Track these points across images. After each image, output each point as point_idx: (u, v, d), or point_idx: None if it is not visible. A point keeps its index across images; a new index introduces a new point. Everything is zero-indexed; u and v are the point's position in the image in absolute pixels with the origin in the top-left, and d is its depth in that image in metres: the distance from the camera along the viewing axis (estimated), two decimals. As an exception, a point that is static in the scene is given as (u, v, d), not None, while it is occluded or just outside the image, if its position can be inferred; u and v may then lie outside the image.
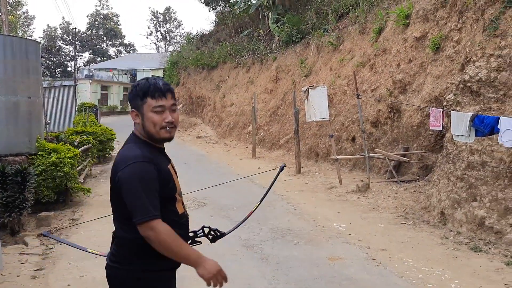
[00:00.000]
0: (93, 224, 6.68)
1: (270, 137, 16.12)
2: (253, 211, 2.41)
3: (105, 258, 2.14)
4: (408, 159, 8.91)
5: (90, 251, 2.49)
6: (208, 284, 1.97)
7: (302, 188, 9.29)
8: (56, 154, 7.42)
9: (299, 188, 9.28)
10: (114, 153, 14.87)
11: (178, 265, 2.08)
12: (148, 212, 1.89)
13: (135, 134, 2.12)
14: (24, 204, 6.23)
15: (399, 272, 4.61)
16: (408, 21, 10.21)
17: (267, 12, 21.09)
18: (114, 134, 14.58)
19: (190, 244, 2.20)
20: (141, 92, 2.05)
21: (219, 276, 1.97)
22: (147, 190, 1.92)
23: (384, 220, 6.68)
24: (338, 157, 9.67)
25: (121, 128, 22.48)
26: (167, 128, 2.05)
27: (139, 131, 2.10)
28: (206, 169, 12.00)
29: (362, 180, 8.90)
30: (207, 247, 5.50)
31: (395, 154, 9.07)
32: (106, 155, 13.96)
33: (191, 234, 2.22)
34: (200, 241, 2.25)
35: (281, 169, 2.86)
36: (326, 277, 4.51)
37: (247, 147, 16.53)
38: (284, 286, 4.33)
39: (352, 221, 6.68)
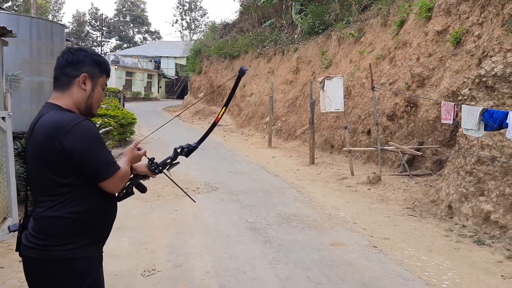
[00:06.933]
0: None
1: (287, 128, 16.20)
2: (220, 118, 2.40)
3: None
4: (422, 153, 8.88)
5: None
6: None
7: (313, 178, 9.37)
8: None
9: (311, 178, 9.36)
10: (135, 137, 15.23)
11: (106, 238, 2.04)
12: (113, 164, 1.91)
13: (57, 104, 1.93)
14: (43, 179, 6.50)
15: (399, 260, 4.68)
16: (430, 14, 10.11)
17: (290, 2, 21.05)
18: (135, 118, 15.01)
19: (168, 169, 2.26)
20: (104, 66, 2.04)
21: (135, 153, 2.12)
22: (102, 144, 1.92)
23: (392, 211, 6.72)
24: (351, 148, 9.72)
25: (143, 113, 23.07)
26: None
27: (67, 101, 1.94)
28: (222, 156, 12.18)
29: (374, 172, 8.92)
30: (214, 229, 5.65)
31: (409, 148, 9.05)
32: (127, 138, 14.33)
33: (168, 161, 2.25)
34: (179, 162, 2.32)
35: (242, 72, 2.36)
36: (326, 261, 4.62)
37: (264, 136, 16.65)
38: (283, 267, 4.46)
39: (359, 211, 6.75)
